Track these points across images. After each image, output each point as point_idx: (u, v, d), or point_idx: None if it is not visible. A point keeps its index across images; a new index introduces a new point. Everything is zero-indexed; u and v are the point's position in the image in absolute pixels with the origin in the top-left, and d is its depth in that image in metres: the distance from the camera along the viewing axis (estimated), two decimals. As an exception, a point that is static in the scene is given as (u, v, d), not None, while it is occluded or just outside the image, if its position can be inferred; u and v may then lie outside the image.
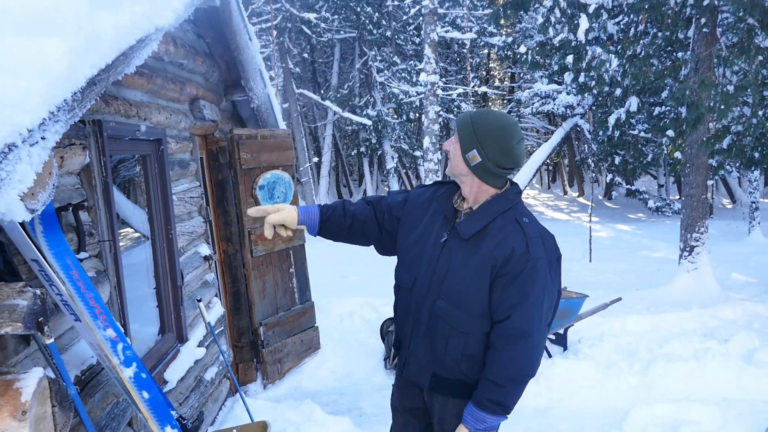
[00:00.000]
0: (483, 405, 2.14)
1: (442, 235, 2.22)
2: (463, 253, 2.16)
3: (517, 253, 2.09)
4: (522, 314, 2.10)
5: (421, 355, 2.27)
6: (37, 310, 1.90)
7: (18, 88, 1.60)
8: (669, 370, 5.07)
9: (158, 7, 2.62)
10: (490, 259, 2.11)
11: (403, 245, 2.35)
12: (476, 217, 2.17)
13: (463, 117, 2.19)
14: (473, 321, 2.16)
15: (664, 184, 26.50)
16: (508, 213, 2.17)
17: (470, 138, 2.12)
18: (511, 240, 2.11)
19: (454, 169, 2.20)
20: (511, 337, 2.11)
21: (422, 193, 2.39)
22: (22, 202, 1.71)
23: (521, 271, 2.09)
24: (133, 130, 3.23)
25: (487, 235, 2.14)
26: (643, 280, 10.33)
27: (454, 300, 2.16)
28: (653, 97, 15.15)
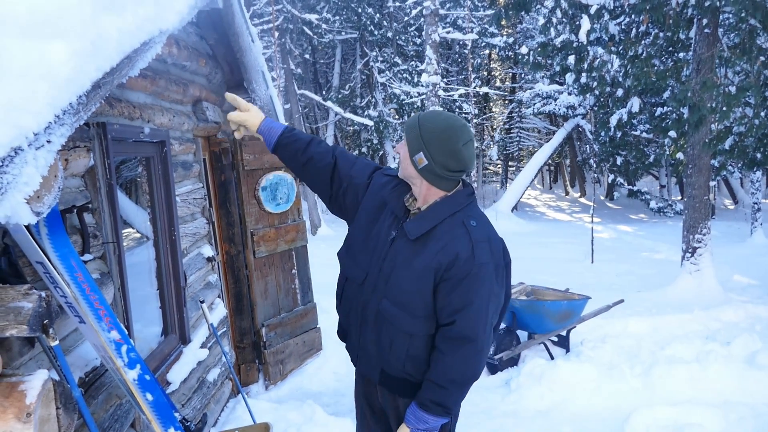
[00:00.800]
0: (425, 406, 2.16)
1: (390, 233, 2.21)
2: (408, 254, 2.15)
3: (462, 258, 2.07)
4: (466, 320, 2.09)
5: (370, 351, 2.28)
6: (42, 312, 1.91)
7: (24, 92, 1.61)
8: (671, 372, 5.06)
9: (162, 10, 2.62)
10: (434, 262, 2.09)
11: (356, 234, 2.34)
12: (424, 218, 2.15)
13: (411, 120, 2.17)
14: (416, 323, 2.15)
15: (666, 185, 26.51)
16: (456, 215, 2.15)
17: (417, 141, 2.10)
18: (455, 244, 2.09)
19: (404, 171, 2.20)
20: (455, 341, 2.11)
21: (384, 184, 2.34)
22: (28, 205, 1.71)
23: (465, 276, 2.07)
24: (136, 132, 3.24)
25: (433, 238, 2.12)
26: (644, 281, 10.33)
27: (398, 300, 2.16)
28: (655, 98, 15.15)
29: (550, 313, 5.79)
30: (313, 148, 2.36)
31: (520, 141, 29.32)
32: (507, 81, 31.05)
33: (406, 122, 2.23)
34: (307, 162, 2.36)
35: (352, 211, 2.39)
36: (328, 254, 12.19)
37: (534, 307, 5.82)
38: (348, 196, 2.37)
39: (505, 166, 33.11)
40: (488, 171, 37.33)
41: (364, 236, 2.29)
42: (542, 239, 16.40)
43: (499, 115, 31.64)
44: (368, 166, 2.42)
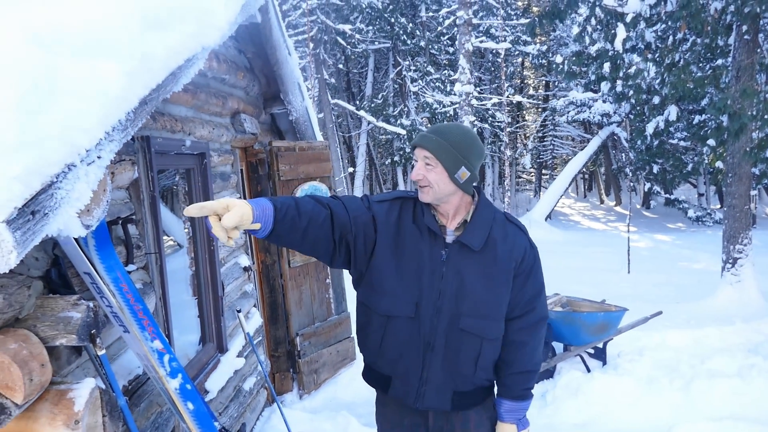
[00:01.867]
0: (522, 396, 2.26)
1: (439, 254, 2.12)
2: (476, 265, 2.13)
3: (527, 250, 2.20)
4: (542, 301, 2.25)
5: (440, 380, 2.17)
6: (89, 322, 1.96)
7: (77, 110, 1.67)
8: (712, 387, 4.95)
9: (204, 27, 2.69)
10: (510, 263, 2.16)
11: (384, 270, 2.14)
12: (477, 227, 2.15)
13: (434, 142, 2.06)
14: (500, 325, 2.20)
15: (705, 193, 25.97)
16: (497, 216, 2.22)
17: (454, 158, 2.06)
18: (519, 240, 2.19)
19: (440, 192, 2.09)
20: (535, 325, 2.24)
21: (387, 211, 2.17)
22: (79, 219, 1.77)
23: (533, 265, 2.21)
24: (178, 145, 3.31)
25: (495, 242, 2.15)
26: (683, 292, 10.13)
27: (480, 311, 2.14)
28: (693, 106, 14.89)
29: (586, 325, 5.71)
30: (303, 207, 1.98)
31: (553, 149, 29.08)
32: (540, 89, 30.87)
33: (424, 146, 2.06)
34: (307, 224, 1.97)
35: (364, 253, 2.15)
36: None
37: (570, 319, 5.75)
38: (358, 239, 2.12)
39: (538, 175, 32.86)
40: (521, 179, 37.09)
41: (397, 268, 2.13)
42: (577, 248, 16.20)
43: (533, 123, 31.42)
44: (358, 201, 2.20)
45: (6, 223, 1.37)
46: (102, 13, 2.03)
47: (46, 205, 1.55)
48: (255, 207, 1.83)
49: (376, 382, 2.29)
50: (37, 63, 1.63)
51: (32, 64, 1.60)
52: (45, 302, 1.98)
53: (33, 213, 1.49)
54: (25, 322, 1.93)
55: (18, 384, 1.71)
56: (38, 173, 1.50)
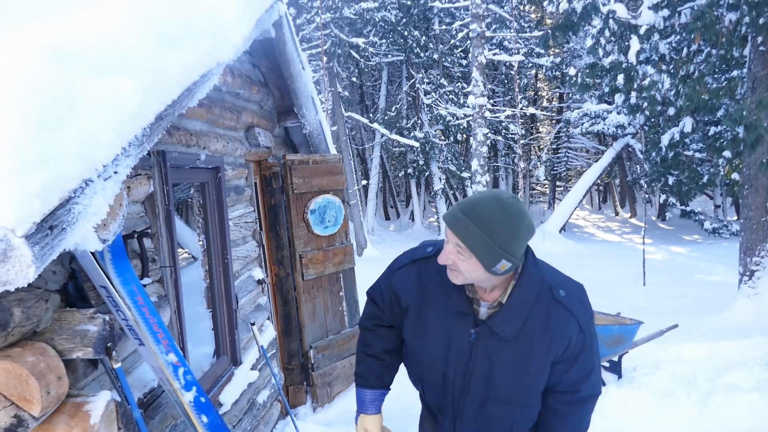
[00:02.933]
0: None
1: (467, 332, 1.93)
2: (508, 354, 1.90)
3: (574, 338, 1.90)
4: (589, 384, 1.98)
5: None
6: (106, 335, 1.99)
7: (95, 126, 1.70)
8: (730, 401, 4.89)
9: (219, 42, 2.73)
10: (549, 355, 1.90)
11: (413, 340, 2.07)
12: (512, 313, 1.87)
13: (468, 230, 1.75)
14: (534, 409, 2.01)
15: (721, 205, 25.73)
16: (541, 294, 1.88)
17: (492, 252, 1.75)
18: (563, 328, 1.88)
19: (470, 280, 1.85)
20: (580, 402, 2.00)
21: (406, 280, 2.07)
22: (96, 233, 1.80)
23: (581, 351, 1.92)
24: (193, 159, 3.35)
25: (533, 330, 1.88)
26: (699, 305, 10.02)
27: (510, 400, 1.96)
28: (708, 117, 14.79)
29: (601, 338, 5.66)
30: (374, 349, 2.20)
31: (567, 161, 28.98)
32: (554, 101, 30.83)
33: (459, 235, 1.76)
34: (390, 352, 2.20)
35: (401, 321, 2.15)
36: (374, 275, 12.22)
37: (584, 332, 5.71)
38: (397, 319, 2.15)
39: (552, 187, 32.74)
40: (535, 191, 36.98)
41: (423, 337, 2.02)
42: (591, 261, 16.09)
43: (547, 135, 31.36)
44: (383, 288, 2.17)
45: (25, 238, 1.40)
46: (120, 30, 2.07)
47: (64, 219, 1.57)
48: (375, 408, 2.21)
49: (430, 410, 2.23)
50: (57, 80, 1.66)
51: (52, 81, 1.64)
52: (62, 315, 2.00)
53: (51, 228, 1.51)
54: (43, 335, 1.96)
55: (35, 396, 1.73)
56: (56, 188, 1.53)
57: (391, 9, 20.64)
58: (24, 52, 1.72)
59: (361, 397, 2.22)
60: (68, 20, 2.08)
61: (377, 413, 2.21)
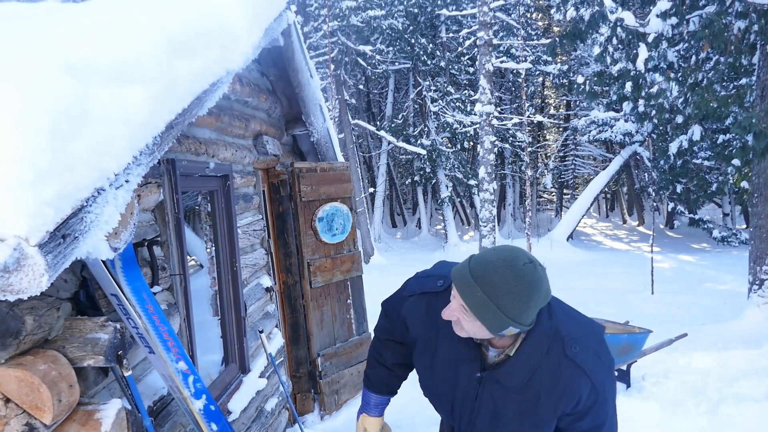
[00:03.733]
0: None
1: (474, 374, 1.89)
2: (512, 403, 1.84)
3: (585, 395, 1.79)
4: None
5: None
6: (116, 343, 1.99)
7: (106, 136, 1.71)
8: (740, 411, 4.85)
9: (228, 51, 2.75)
10: (556, 412, 1.81)
11: (422, 370, 2.07)
12: (518, 366, 1.80)
13: (475, 297, 1.67)
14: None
15: (730, 213, 25.59)
16: (551, 351, 1.79)
17: (501, 321, 1.68)
18: (572, 389, 1.77)
19: (478, 336, 1.80)
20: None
21: (414, 312, 2.05)
22: (107, 242, 1.81)
23: (592, 406, 1.81)
24: (202, 167, 3.36)
25: (541, 386, 1.79)
26: (708, 314, 9.96)
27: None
28: (717, 125, 14.74)
29: (609, 346, 5.64)
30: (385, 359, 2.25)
31: (575, 169, 28.92)
32: (561, 108, 30.80)
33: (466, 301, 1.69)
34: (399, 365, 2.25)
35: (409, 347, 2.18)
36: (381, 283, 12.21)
37: (593, 341, 5.68)
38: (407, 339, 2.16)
39: (559, 194, 32.68)
40: (542, 199, 36.91)
41: (431, 368, 2.01)
42: (599, 269, 16.03)
43: (554, 142, 31.32)
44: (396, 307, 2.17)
45: (38, 247, 1.41)
46: (131, 40, 2.09)
47: (76, 228, 1.58)
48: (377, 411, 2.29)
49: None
50: (69, 90, 1.67)
51: (65, 92, 1.65)
52: (73, 324, 2.01)
53: (64, 237, 1.52)
54: (54, 344, 1.96)
55: (47, 404, 1.73)
56: (69, 197, 1.54)
57: (398, 17, 20.71)
58: (37, 63, 1.74)
59: (367, 398, 2.30)
60: (81, 31, 2.10)
61: (379, 417, 2.30)
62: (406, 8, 20.60)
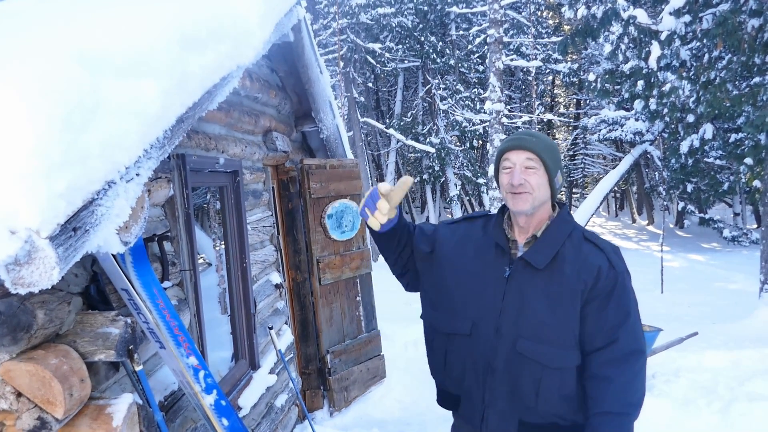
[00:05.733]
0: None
1: (502, 270, 2.04)
2: (539, 284, 1.98)
3: (604, 270, 1.95)
4: (629, 332, 1.94)
5: (502, 405, 2.04)
6: (127, 338, 1.99)
7: (118, 128, 1.70)
8: (752, 410, 4.80)
9: (240, 46, 2.74)
10: (578, 284, 1.94)
11: (443, 287, 2.14)
12: (545, 244, 2.01)
13: (537, 143, 1.98)
14: (566, 354, 1.96)
15: (740, 213, 25.40)
16: (573, 233, 2.04)
17: (557, 160, 2.01)
18: (593, 259, 1.97)
19: (539, 199, 1.99)
20: (623, 359, 1.92)
21: (453, 232, 2.21)
22: (118, 236, 1.80)
23: (613, 289, 1.95)
24: (212, 163, 3.36)
25: (564, 260, 1.98)
26: (719, 313, 9.89)
27: (539, 335, 1.96)
28: (729, 124, 14.62)
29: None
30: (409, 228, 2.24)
31: (584, 168, 28.80)
32: (571, 107, 30.67)
33: (532, 146, 1.98)
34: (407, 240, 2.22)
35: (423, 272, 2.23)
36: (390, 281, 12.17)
37: (603, 339, 5.65)
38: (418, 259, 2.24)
39: (569, 193, 32.54)
40: (551, 198, 36.70)
41: (455, 286, 2.11)
42: (609, 268, 15.93)
43: (563, 141, 31.20)
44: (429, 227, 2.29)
45: (49, 240, 1.40)
46: (144, 34, 2.08)
47: (87, 221, 1.57)
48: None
49: (447, 402, 2.25)
50: (82, 83, 1.66)
51: (77, 84, 1.64)
52: (84, 318, 2.01)
53: (75, 229, 1.51)
54: (65, 338, 1.96)
55: (59, 399, 1.73)
56: (80, 190, 1.53)
57: (408, 14, 20.66)
58: (51, 55, 1.73)
59: None
60: (95, 24, 2.09)
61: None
62: (416, 6, 20.55)
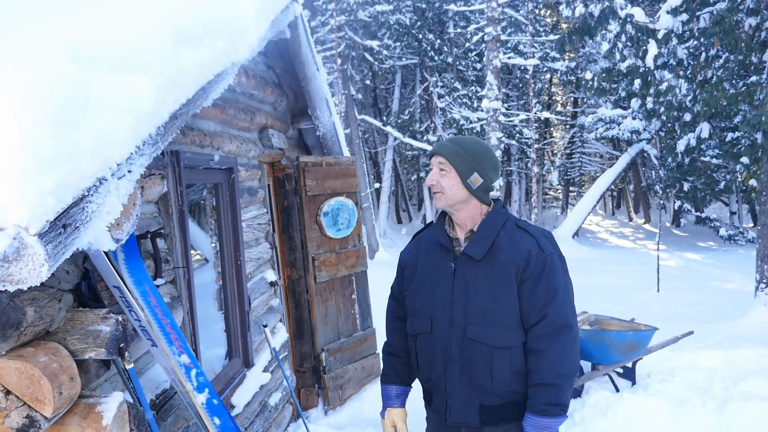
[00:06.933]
0: (543, 411, 2.12)
1: (448, 266, 2.25)
2: (480, 273, 2.19)
3: (533, 253, 2.16)
4: (557, 309, 2.14)
5: (462, 392, 2.22)
6: (118, 336, 1.97)
7: (110, 125, 1.69)
8: (747, 409, 4.80)
9: (235, 42, 2.72)
10: (511, 267, 2.15)
11: (408, 296, 2.37)
12: (481, 236, 2.21)
13: (449, 148, 2.21)
14: (511, 333, 2.16)
15: (737, 212, 25.46)
16: (506, 224, 2.24)
17: (467, 163, 2.18)
18: (523, 244, 2.18)
19: (452, 198, 2.21)
20: (552, 333, 2.13)
21: (409, 253, 2.45)
22: (109, 233, 1.78)
23: (542, 270, 2.15)
24: (207, 160, 3.34)
25: (499, 248, 2.19)
26: (715, 312, 9.90)
27: (485, 319, 2.16)
28: (726, 123, 14.64)
29: (615, 344, 5.60)
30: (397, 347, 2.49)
31: (581, 166, 28.81)
32: (568, 105, 30.69)
33: (440, 152, 2.23)
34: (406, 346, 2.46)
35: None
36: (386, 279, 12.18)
37: (598, 338, 5.64)
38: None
39: (566, 192, 32.57)
40: (548, 196, 36.78)
41: (414, 290, 2.34)
42: (605, 267, 15.96)
43: (560, 140, 31.20)
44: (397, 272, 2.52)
45: (38, 237, 1.38)
46: (138, 29, 2.06)
47: (78, 218, 1.56)
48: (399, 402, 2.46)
49: (425, 398, 2.43)
50: (73, 78, 1.65)
51: (68, 80, 1.62)
52: (75, 315, 1.99)
53: (64, 226, 1.50)
54: (55, 335, 1.94)
55: (48, 397, 1.71)
56: (70, 187, 1.52)
57: (406, 12, 20.63)
58: (41, 50, 1.71)
59: (387, 393, 2.48)
60: (86, 19, 2.07)
61: (402, 407, 2.46)
62: (414, 3, 20.52)
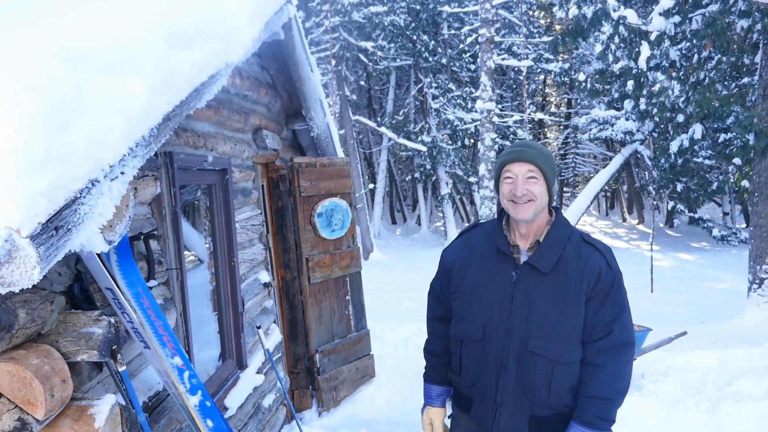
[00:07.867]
0: (591, 423, 2.13)
1: (509, 275, 2.19)
2: (546, 287, 2.14)
3: (603, 271, 2.13)
4: (622, 326, 2.14)
5: (514, 403, 2.19)
6: (111, 338, 1.96)
7: (102, 126, 1.68)
8: (740, 409, 4.83)
9: (228, 43, 2.71)
10: (582, 284, 2.11)
11: (457, 299, 2.33)
12: (548, 248, 2.16)
13: (537, 155, 2.14)
14: (573, 349, 2.14)
15: (730, 212, 25.57)
16: (572, 237, 2.20)
17: (554, 170, 2.17)
18: (593, 260, 2.15)
19: (539, 206, 2.15)
20: (614, 350, 2.12)
21: (453, 251, 2.41)
22: (102, 234, 1.78)
23: (610, 287, 2.13)
24: (200, 161, 3.33)
25: (567, 263, 2.14)
26: (708, 312, 9.94)
27: (549, 333, 2.12)
28: (718, 124, 14.70)
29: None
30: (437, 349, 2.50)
31: (575, 167, 28.89)
32: (562, 106, 30.76)
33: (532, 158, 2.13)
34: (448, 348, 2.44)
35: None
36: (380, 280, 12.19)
37: (592, 339, 5.66)
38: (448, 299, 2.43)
39: (559, 192, 32.64)
40: (542, 197, 36.78)
41: (465, 294, 2.29)
42: (599, 267, 15.98)
43: (554, 140, 31.27)
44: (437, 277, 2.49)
45: (30, 239, 1.37)
46: (130, 30, 2.05)
47: (70, 220, 1.55)
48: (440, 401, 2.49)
49: (461, 403, 2.40)
50: (65, 79, 1.64)
51: (60, 81, 1.61)
52: (67, 317, 1.98)
53: (56, 228, 1.49)
54: (48, 338, 1.93)
55: (39, 400, 1.70)
56: (62, 188, 1.50)
57: (400, 13, 20.66)
58: (32, 51, 1.70)
59: (428, 392, 2.51)
60: (77, 20, 2.06)
61: (442, 407, 2.49)
62: (408, 5, 20.55)
